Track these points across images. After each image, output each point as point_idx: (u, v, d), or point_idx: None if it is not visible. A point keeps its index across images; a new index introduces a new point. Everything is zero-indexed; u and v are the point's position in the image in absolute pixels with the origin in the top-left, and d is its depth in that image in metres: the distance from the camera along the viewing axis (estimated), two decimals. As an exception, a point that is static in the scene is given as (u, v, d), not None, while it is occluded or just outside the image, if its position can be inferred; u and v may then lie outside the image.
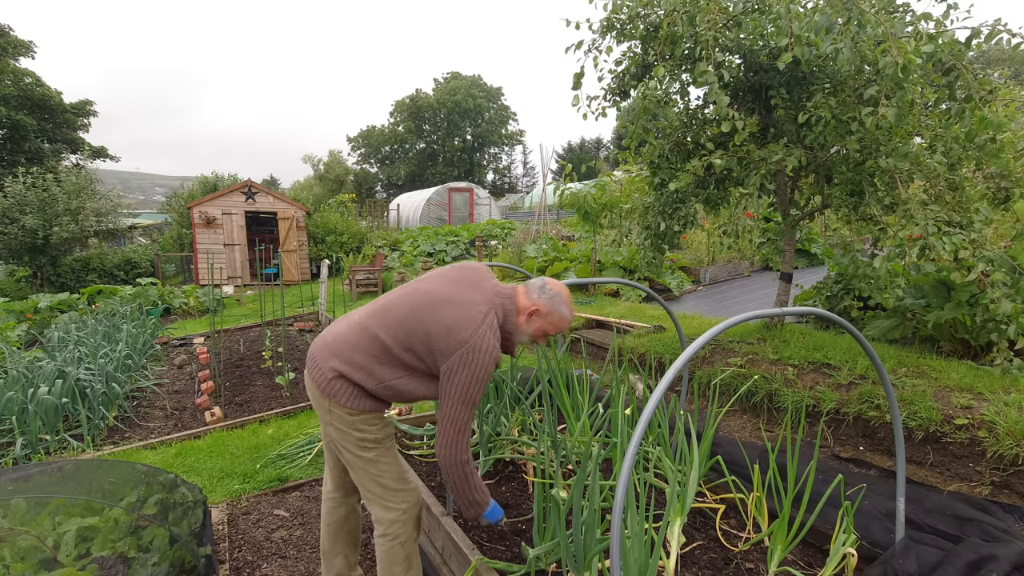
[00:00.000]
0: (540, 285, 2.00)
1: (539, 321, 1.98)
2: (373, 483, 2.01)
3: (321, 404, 1.99)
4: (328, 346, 1.99)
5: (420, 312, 1.88)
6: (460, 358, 1.80)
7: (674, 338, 5.09)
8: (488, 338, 1.84)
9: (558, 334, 2.08)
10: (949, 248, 3.14)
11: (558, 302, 1.98)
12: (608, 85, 4.46)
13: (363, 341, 1.92)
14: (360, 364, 1.91)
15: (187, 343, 7.91)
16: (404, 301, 1.95)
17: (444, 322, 1.84)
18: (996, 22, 3.21)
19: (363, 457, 1.99)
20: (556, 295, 1.98)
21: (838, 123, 3.54)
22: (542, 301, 1.96)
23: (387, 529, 2.01)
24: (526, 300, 1.97)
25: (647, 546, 1.84)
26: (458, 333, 1.81)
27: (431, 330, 1.84)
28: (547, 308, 1.96)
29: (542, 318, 1.97)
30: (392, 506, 2.01)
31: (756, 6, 3.64)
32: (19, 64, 21.47)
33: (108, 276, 15.85)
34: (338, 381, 1.92)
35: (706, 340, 1.48)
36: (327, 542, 2.29)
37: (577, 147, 50.78)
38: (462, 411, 1.83)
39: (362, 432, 1.97)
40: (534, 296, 1.97)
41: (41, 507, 2.05)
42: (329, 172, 36.67)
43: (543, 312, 1.96)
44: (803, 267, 9.17)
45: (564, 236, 13.29)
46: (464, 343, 1.80)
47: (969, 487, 2.94)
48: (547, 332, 2.01)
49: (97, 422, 4.65)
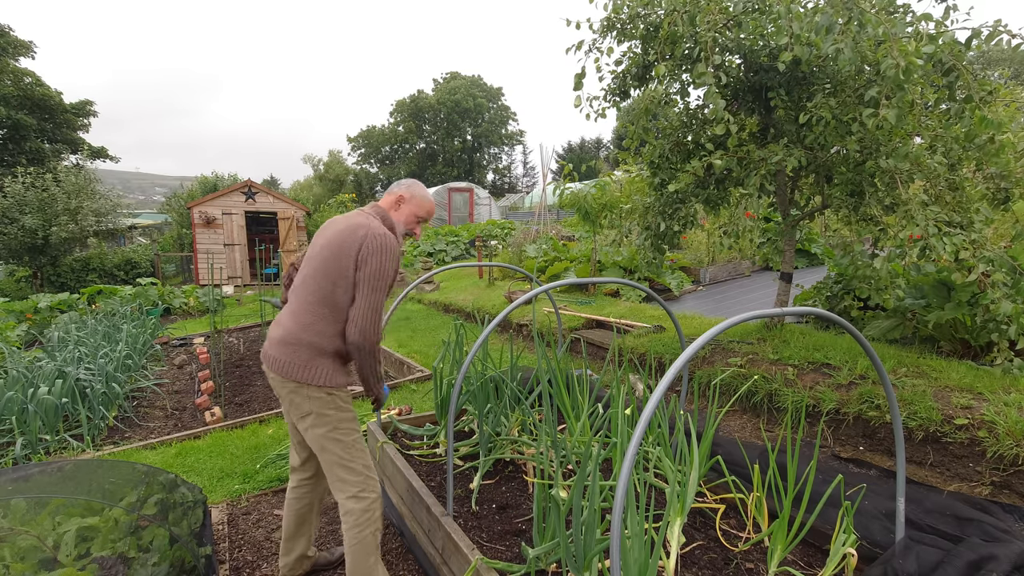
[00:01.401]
0: (396, 183, 2.34)
1: (406, 207, 2.28)
2: (345, 470, 2.13)
3: (299, 395, 2.11)
4: (284, 342, 2.13)
5: (326, 254, 2.11)
6: (367, 247, 2.05)
7: (674, 338, 5.09)
8: (380, 227, 2.11)
9: (428, 220, 2.38)
10: (950, 248, 3.14)
11: (415, 187, 2.31)
12: (608, 85, 4.46)
13: (308, 312, 2.11)
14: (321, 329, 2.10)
15: (187, 343, 7.91)
16: (312, 262, 2.17)
17: (342, 239, 2.08)
18: (996, 23, 3.22)
19: (341, 441, 2.13)
20: (411, 184, 2.32)
21: (838, 123, 3.53)
22: (401, 190, 2.29)
23: (358, 519, 2.11)
24: (388, 197, 2.30)
25: (647, 546, 1.84)
26: (356, 232, 2.07)
27: (336, 251, 2.07)
28: (408, 193, 2.29)
29: (407, 203, 2.28)
30: (363, 495, 2.13)
31: (756, 6, 3.64)
32: (19, 64, 21.47)
33: (108, 276, 15.86)
34: (313, 362, 2.09)
35: (706, 340, 1.48)
36: (292, 527, 2.42)
37: (577, 147, 50.79)
38: (377, 294, 2.06)
39: (342, 411, 2.14)
40: (394, 189, 2.31)
41: (41, 507, 2.05)
42: (329, 172, 36.67)
43: (406, 198, 2.28)
44: (803, 267, 9.17)
45: (564, 236, 13.30)
46: (365, 235, 2.06)
47: (969, 487, 2.94)
48: (417, 215, 2.30)
49: (97, 422, 4.65)
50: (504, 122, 46.29)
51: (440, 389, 3.38)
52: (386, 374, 6.21)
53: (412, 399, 5.00)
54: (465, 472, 3.07)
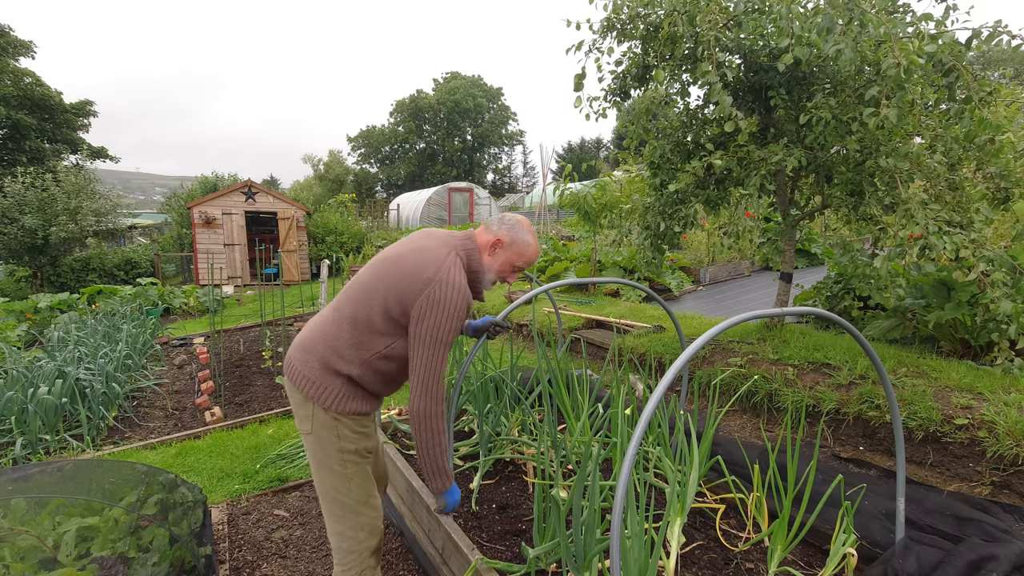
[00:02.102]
0: (498, 219, 1.95)
1: (503, 253, 1.91)
2: (337, 504, 1.87)
3: (304, 410, 1.85)
4: (304, 348, 1.87)
5: (383, 270, 1.82)
6: (427, 298, 1.72)
7: (674, 338, 5.09)
8: (453, 274, 1.76)
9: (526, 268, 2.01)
10: (950, 247, 3.14)
11: (519, 230, 1.91)
12: (609, 86, 4.47)
13: (337, 325, 1.84)
14: (342, 353, 1.81)
15: (187, 343, 7.91)
16: (366, 272, 1.88)
17: (406, 269, 1.77)
18: (996, 23, 3.22)
19: (337, 473, 1.85)
20: (516, 224, 1.91)
21: (838, 123, 3.54)
22: (503, 231, 1.90)
23: (344, 559, 1.88)
24: (486, 236, 1.91)
25: (647, 546, 1.84)
26: (422, 274, 1.74)
27: (396, 282, 1.77)
28: (509, 238, 1.90)
29: (506, 249, 1.91)
30: (350, 533, 1.87)
31: (756, 6, 3.64)
32: (19, 64, 21.47)
33: (108, 276, 15.85)
34: (324, 378, 1.81)
35: (706, 340, 1.48)
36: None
37: (577, 147, 50.80)
38: (435, 354, 1.74)
39: (344, 440, 1.84)
40: (493, 229, 1.91)
41: (41, 507, 2.05)
42: (329, 172, 36.67)
43: (506, 243, 1.90)
44: (803, 267, 9.17)
45: (564, 236, 13.30)
46: (430, 282, 1.73)
47: (969, 487, 2.94)
48: (514, 264, 1.94)
49: (97, 422, 4.65)
50: (504, 122, 46.30)
51: (440, 389, 3.37)
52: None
53: (412, 399, 4.99)
54: (465, 472, 3.07)
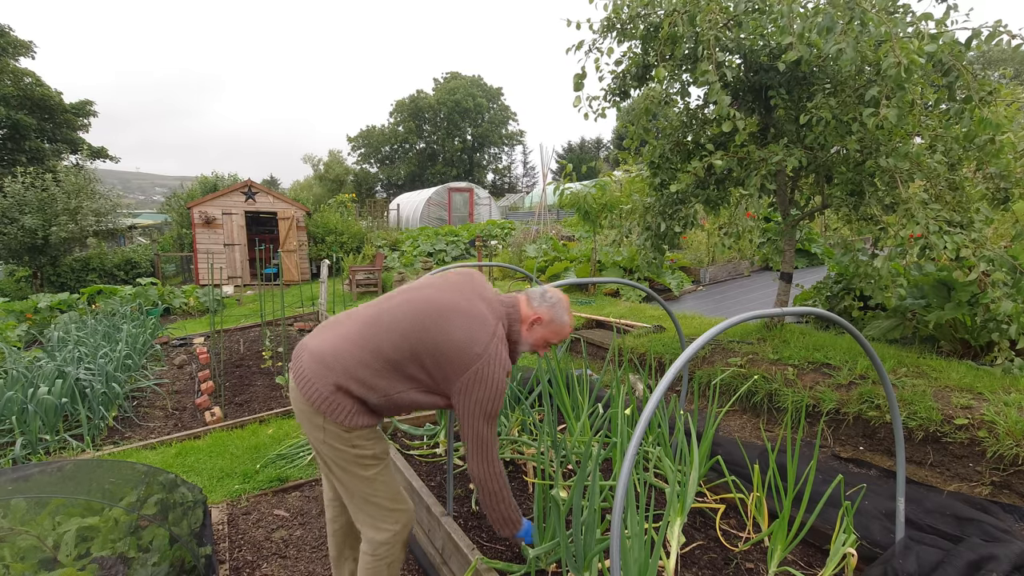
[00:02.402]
0: (541, 293, 1.98)
1: (541, 330, 1.96)
2: (365, 502, 1.91)
3: (312, 421, 1.84)
4: (322, 361, 1.83)
5: (427, 323, 1.79)
6: (475, 375, 1.75)
7: (674, 338, 5.08)
8: (500, 351, 1.80)
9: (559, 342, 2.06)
10: (950, 247, 3.14)
11: (559, 310, 1.96)
12: (608, 85, 4.47)
13: (366, 356, 1.80)
14: (363, 380, 1.80)
15: (187, 343, 7.91)
16: (407, 311, 1.84)
17: (454, 336, 1.77)
18: (996, 23, 3.21)
19: (360, 476, 1.88)
20: (557, 303, 1.96)
21: (838, 123, 3.54)
22: (543, 309, 1.94)
23: (376, 550, 1.92)
24: (528, 309, 1.95)
25: (647, 546, 1.84)
26: (470, 348, 1.76)
27: (440, 344, 1.77)
28: (549, 316, 1.95)
29: (544, 327, 1.95)
30: (384, 527, 1.91)
31: (756, 6, 3.64)
32: (19, 64, 21.47)
33: (108, 276, 15.85)
34: (336, 397, 1.80)
35: (706, 340, 1.48)
36: (335, 550, 2.22)
37: (577, 147, 50.78)
38: (485, 427, 1.80)
39: (359, 448, 1.86)
40: (535, 304, 1.95)
41: (41, 507, 2.05)
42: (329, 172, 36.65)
43: (545, 321, 1.95)
44: (803, 267, 9.17)
45: (564, 236, 13.30)
46: (478, 358, 1.75)
47: (969, 487, 2.94)
48: (548, 341, 1.99)
49: (97, 422, 4.64)
50: (504, 122, 46.30)
51: (440, 389, 3.37)
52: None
53: (412, 399, 4.99)
54: (465, 472, 3.07)
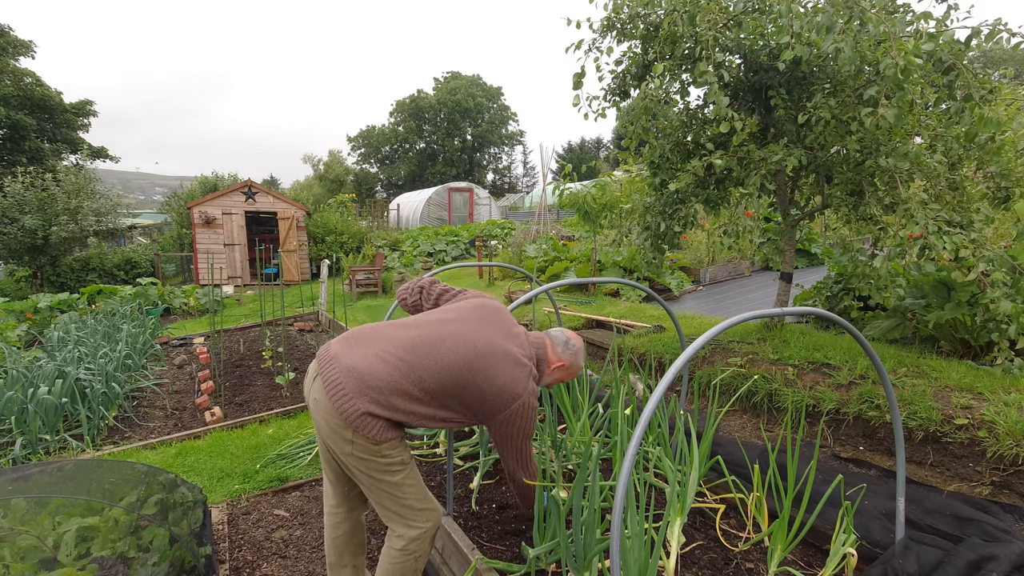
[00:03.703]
0: (565, 341, 2.19)
1: (560, 373, 2.19)
2: (397, 504, 1.98)
3: (342, 434, 1.87)
4: (361, 379, 1.86)
5: (473, 365, 1.92)
6: (516, 411, 1.96)
7: (674, 338, 5.08)
8: (533, 388, 2.02)
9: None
10: (950, 247, 3.14)
11: (579, 356, 2.20)
12: (608, 85, 4.46)
13: (407, 385, 1.87)
14: (400, 405, 1.88)
15: (187, 343, 7.91)
16: (451, 348, 1.93)
17: (498, 382, 1.94)
18: (996, 22, 3.21)
19: (389, 481, 1.95)
20: (578, 351, 2.20)
21: (838, 123, 3.53)
22: (567, 357, 2.17)
23: (407, 545, 1.99)
24: (554, 355, 2.16)
25: (647, 546, 1.84)
26: (511, 390, 1.95)
27: (485, 389, 1.93)
28: (570, 362, 2.18)
29: (563, 371, 2.19)
30: (416, 524, 2.00)
31: (756, 6, 3.64)
32: (19, 64, 21.46)
33: (108, 276, 15.85)
34: (371, 417, 1.85)
35: (706, 340, 1.48)
36: (334, 555, 2.23)
37: (577, 147, 50.78)
38: (526, 446, 2.08)
39: (388, 458, 1.93)
40: (559, 351, 2.17)
41: (41, 507, 2.05)
42: (329, 172, 36.65)
43: (566, 367, 2.18)
44: (803, 267, 9.17)
45: (564, 236, 13.29)
46: (517, 398, 1.95)
47: (969, 487, 2.94)
48: (562, 380, 2.24)
49: (97, 422, 4.64)
50: (504, 122, 46.28)
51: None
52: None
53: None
54: (465, 472, 3.07)
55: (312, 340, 7.52)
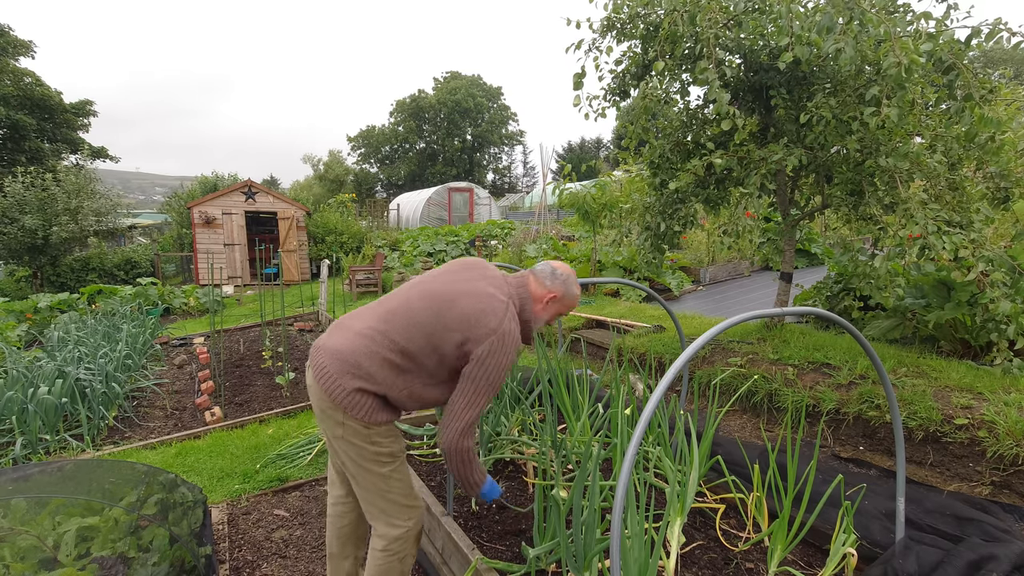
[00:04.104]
0: (550, 271, 2.03)
1: (555, 306, 2.03)
2: (381, 499, 1.95)
3: (333, 417, 1.89)
4: (341, 358, 1.88)
5: (440, 309, 1.85)
6: (490, 347, 1.80)
7: (674, 338, 5.08)
8: (513, 327, 1.86)
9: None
10: (949, 247, 3.14)
11: (570, 284, 2.04)
12: (608, 85, 4.46)
13: (384, 351, 1.86)
14: (383, 377, 1.86)
15: (187, 343, 7.91)
16: (420, 304, 1.89)
17: (467, 314, 1.82)
18: (996, 21, 3.21)
19: (377, 472, 1.93)
20: (567, 278, 2.04)
21: (838, 123, 3.53)
22: (557, 287, 2.01)
23: (389, 544, 1.96)
24: (540, 289, 2.01)
25: (647, 546, 1.84)
26: (486, 322, 1.81)
27: (454, 329, 1.82)
28: (563, 292, 2.02)
29: (558, 303, 2.03)
30: (398, 523, 1.96)
31: (756, 6, 3.64)
32: (19, 64, 21.47)
33: (108, 276, 15.85)
34: (358, 395, 1.85)
35: (706, 340, 1.48)
36: (336, 546, 2.23)
37: (577, 147, 50.76)
38: (483, 397, 1.82)
39: (378, 445, 1.91)
40: (548, 283, 2.01)
41: (41, 507, 2.05)
42: (329, 172, 36.66)
43: (559, 297, 2.02)
44: (803, 267, 9.17)
45: (564, 236, 13.29)
46: (493, 331, 1.81)
47: (969, 487, 2.94)
48: (561, 313, 2.08)
49: (97, 422, 4.64)
50: (504, 122, 46.26)
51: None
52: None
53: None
54: (465, 472, 3.07)
55: (312, 340, 7.52)
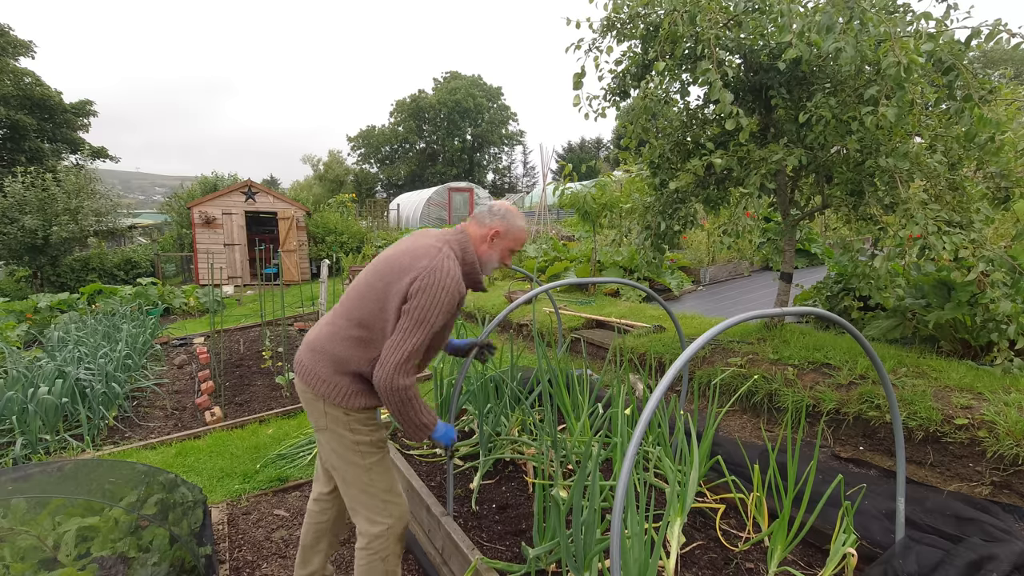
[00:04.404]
0: (487, 210, 2.05)
1: (501, 242, 2.03)
2: (362, 493, 1.97)
3: (316, 407, 1.97)
4: (312, 348, 1.98)
5: (382, 271, 1.91)
6: (423, 280, 1.81)
7: (674, 338, 5.08)
8: (449, 265, 1.86)
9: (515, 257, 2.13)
10: (949, 247, 3.14)
11: (512, 217, 2.03)
12: (608, 85, 4.46)
13: (343, 327, 1.93)
14: (350, 355, 1.90)
15: (187, 343, 7.90)
16: (368, 272, 1.98)
17: (405, 264, 1.86)
18: (996, 22, 3.21)
19: (358, 464, 1.96)
20: (506, 212, 2.03)
21: (838, 123, 3.53)
22: (496, 222, 2.01)
23: (370, 543, 1.97)
24: (480, 229, 2.02)
25: (647, 546, 1.84)
26: (416, 263, 1.84)
27: (393, 279, 1.86)
28: (504, 226, 2.01)
29: (503, 238, 2.02)
30: (378, 520, 1.97)
31: (757, 6, 3.64)
32: (19, 64, 21.47)
33: (108, 276, 15.85)
34: (333, 379, 1.91)
35: (706, 340, 1.48)
36: (310, 538, 2.27)
37: (577, 147, 50.77)
38: (415, 332, 1.80)
39: (358, 433, 1.95)
40: (488, 221, 2.02)
41: (41, 507, 2.05)
42: (329, 172, 36.67)
43: (503, 232, 2.01)
44: (803, 267, 9.17)
45: (564, 236, 13.29)
46: (424, 268, 1.83)
47: (969, 487, 2.94)
48: (512, 249, 2.07)
49: (97, 422, 4.64)
50: (504, 122, 46.25)
51: (440, 389, 3.38)
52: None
53: (412, 399, 4.99)
54: (465, 472, 3.08)
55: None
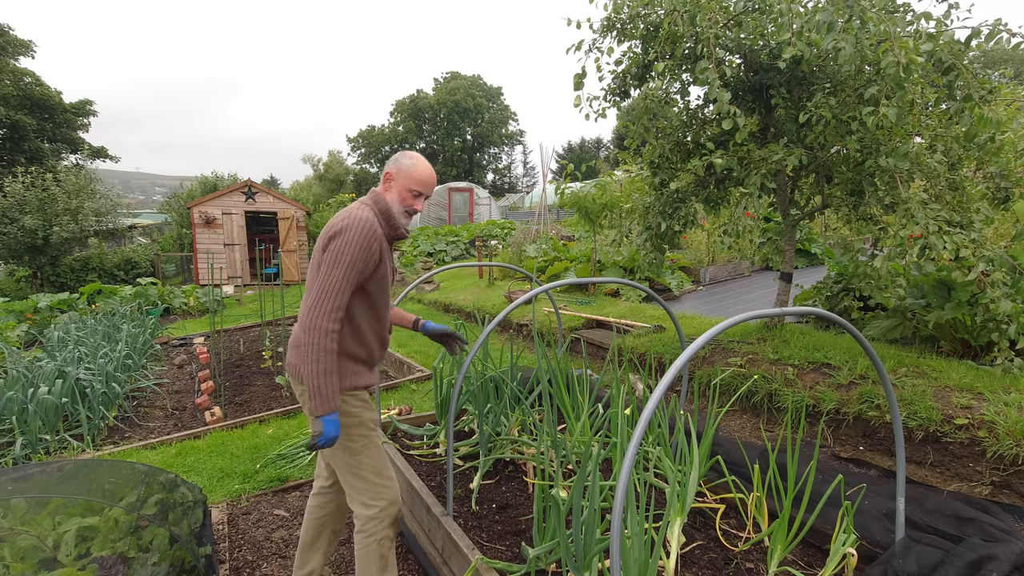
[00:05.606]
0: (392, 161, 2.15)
1: (396, 183, 2.07)
2: (354, 477, 2.04)
3: (304, 395, 2.03)
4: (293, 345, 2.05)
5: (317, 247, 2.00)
6: (338, 231, 1.91)
7: (674, 338, 5.08)
8: (364, 214, 1.95)
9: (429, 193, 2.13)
10: (950, 247, 3.14)
11: (400, 159, 2.09)
12: (609, 85, 4.46)
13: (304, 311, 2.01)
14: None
15: (187, 343, 7.91)
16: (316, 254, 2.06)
17: (328, 230, 1.96)
18: (996, 22, 3.21)
19: (347, 447, 2.02)
20: (398, 156, 2.11)
21: (838, 123, 3.53)
22: (388, 168, 2.10)
23: (364, 525, 2.03)
24: (384, 184, 2.11)
25: (647, 546, 1.84)
26: (336, 223, 1.94)
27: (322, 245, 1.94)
28: (396, 168, 2.07)
29: (396, 178, 2.07)
30: (371, 502, 2.03)
31: (757, 5, 3.64)
32: (19, 64, 21.47)
33: (108, 276, 15.86)
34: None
35: (706, 340, 1.48)
36: (309, 538, 2.31)
37: (577, 147, 50.76)
38: (334, 271, 1.87)
39: (345, 415, 2.01)
40: (386, 171, 2.12)
41: (41, 507, 2.05)
42: (329, 172, 36.65)
43: (395, 174, 2.07)
44: (803, 267, 9.17)
45: (564, 236, 13.29)
46: (338, 219, 1.94)
47: (969, 487, 2.94)
48: (410, 189, 2.08)
49: (97, 422, 4.64)
50: (504, 122, 46.23)
51: (440, 389, 3.38)
52: (385, 374, 6.20)
53: (412, 399, 4.99)
54: (465, 472, 3.07)
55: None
